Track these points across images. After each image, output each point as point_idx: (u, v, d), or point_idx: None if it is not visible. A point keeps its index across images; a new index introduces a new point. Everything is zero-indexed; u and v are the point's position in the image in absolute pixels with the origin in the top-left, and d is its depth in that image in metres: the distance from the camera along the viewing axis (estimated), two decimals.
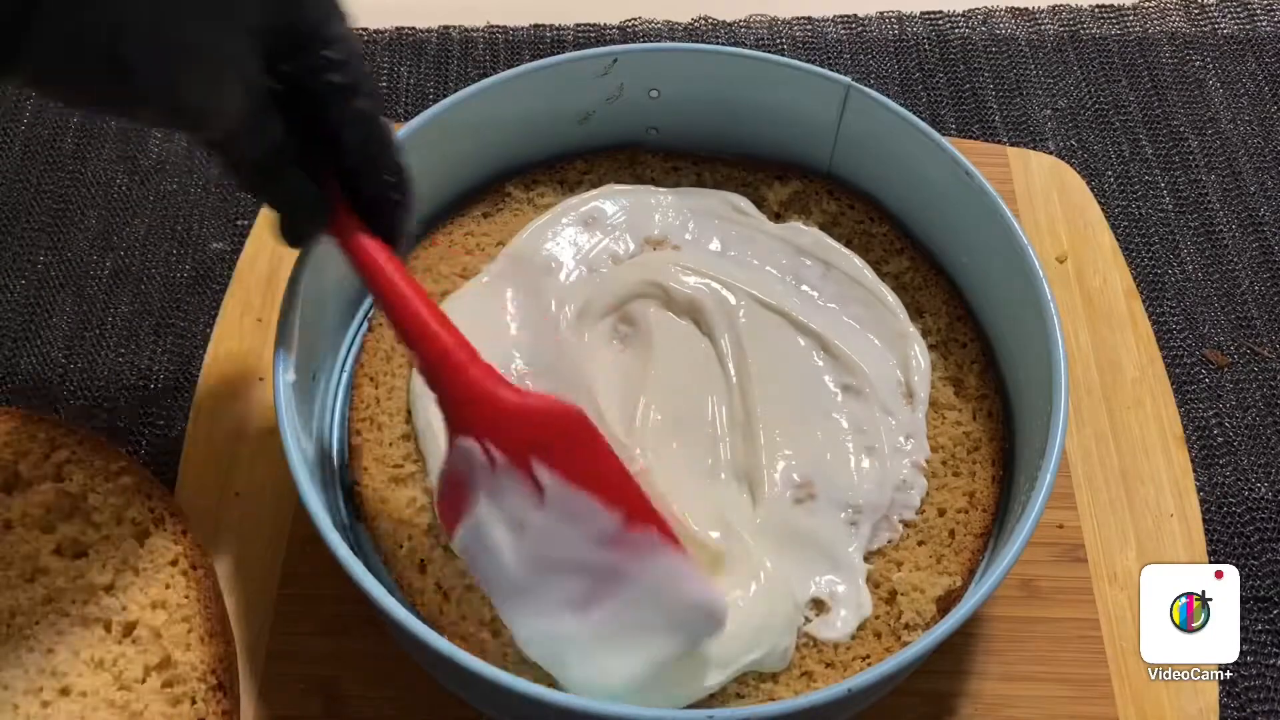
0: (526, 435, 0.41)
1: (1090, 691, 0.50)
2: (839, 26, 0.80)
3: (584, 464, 0.41)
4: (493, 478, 0.41)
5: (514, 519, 0.41)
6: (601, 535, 0.41)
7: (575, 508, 0.41)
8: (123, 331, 0.64)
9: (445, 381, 0.42)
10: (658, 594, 0.41)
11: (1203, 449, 0.60)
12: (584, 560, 0.41)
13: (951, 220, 0.56)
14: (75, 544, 0.50)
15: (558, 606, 0.42)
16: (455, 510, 0.43)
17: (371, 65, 0.77)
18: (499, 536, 0.42)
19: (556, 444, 0.41)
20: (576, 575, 0.42)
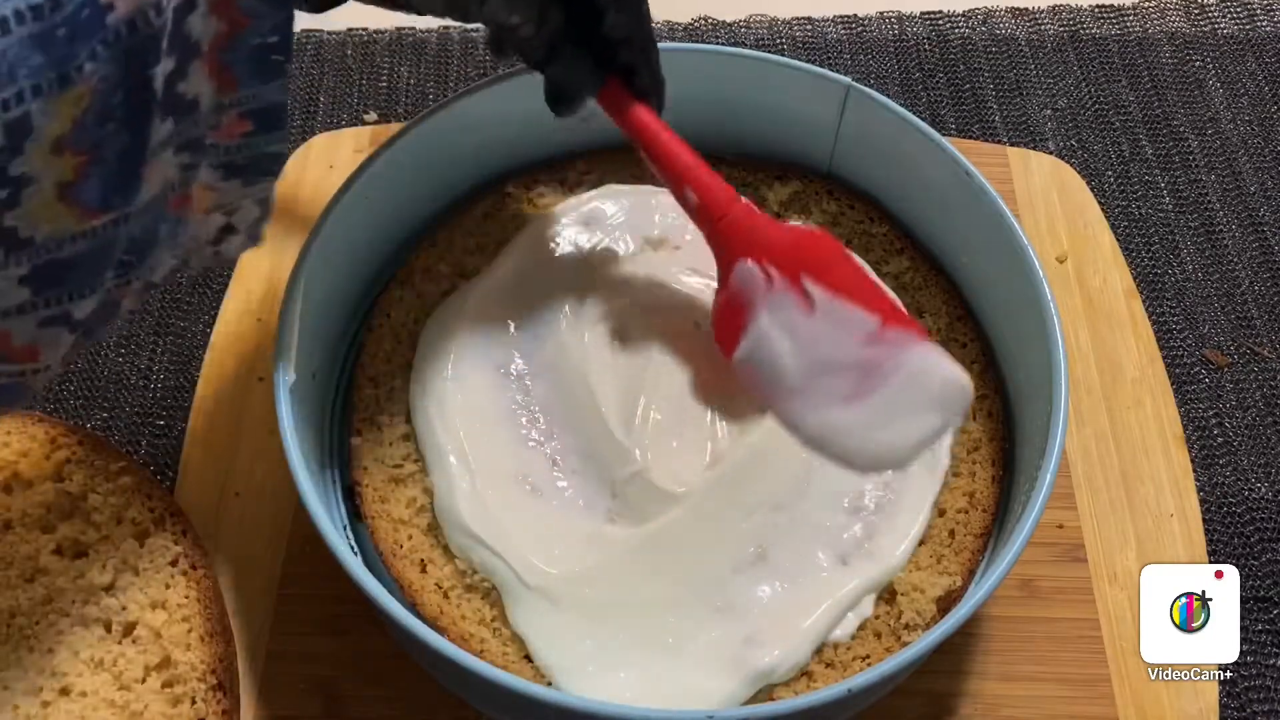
0: (794, 255, 0.48)
1: (1090, 691, 0.50)
2: (839, 26, 0.80)
3: (842, 277, 0.48)
4: (769, 294, 0.48)
5: (790, 328, 0.47)
6: (865, 335, 0.46)
7: (840, 313, 0.47)
8: (123, 331, 0.64)
9: (720, 216, 0.49)
10: (916, 378, 0.46)
11: (1203, 449, 0.60)
12: (852, 359, 0.47)
13: (951, 220, 0.56)
14: (75, 544, 0.50)
15: (831, 400, 0.47)
16: (734, 328, 0.49)
17: (371, 65, 0.77)
18: (777, 345, 0.47)
19: (818, 261, 0.48)
20: (846, 372, 0.47)
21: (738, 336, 0.48)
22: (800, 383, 0.47)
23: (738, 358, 0.49)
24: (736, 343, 0.48)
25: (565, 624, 0.46)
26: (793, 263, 0.47)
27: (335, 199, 0.52)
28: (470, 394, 0.52)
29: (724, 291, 0.50)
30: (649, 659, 0.45)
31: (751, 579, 0.47)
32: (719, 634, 0.46)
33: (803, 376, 0.47)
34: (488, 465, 0.50)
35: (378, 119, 0.74)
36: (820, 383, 0.47)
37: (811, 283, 0.47)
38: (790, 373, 0.47)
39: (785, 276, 0.47)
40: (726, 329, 0.49)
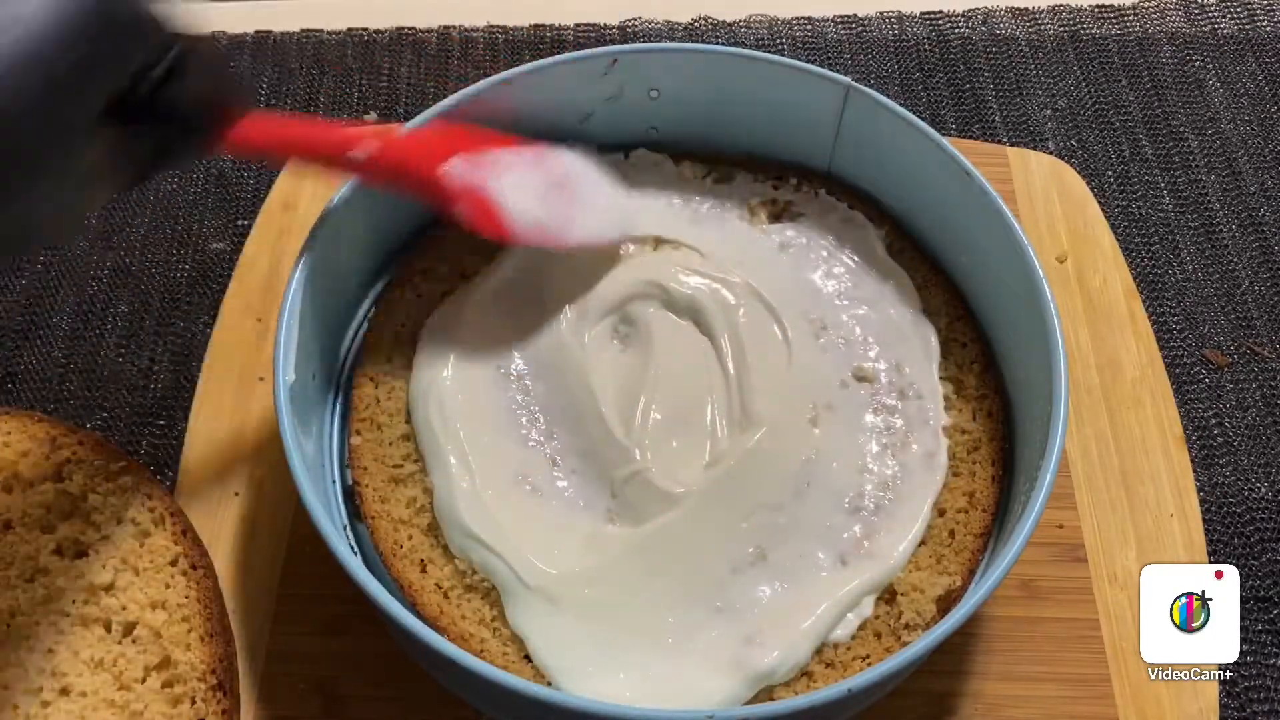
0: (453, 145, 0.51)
1: (1090, 691, 0.50)
2: (839, 26, 0.80)
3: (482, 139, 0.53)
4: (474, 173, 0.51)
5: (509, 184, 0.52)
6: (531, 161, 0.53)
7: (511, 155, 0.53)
8: (123, 331, 0.64)
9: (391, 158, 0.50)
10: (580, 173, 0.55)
11: (1203, 449, 0.60)
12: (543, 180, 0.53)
13: (951, 220, 0.56)
14: (75, 544, 0.50)
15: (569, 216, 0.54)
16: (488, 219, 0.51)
17: (371, 65, 0.77)
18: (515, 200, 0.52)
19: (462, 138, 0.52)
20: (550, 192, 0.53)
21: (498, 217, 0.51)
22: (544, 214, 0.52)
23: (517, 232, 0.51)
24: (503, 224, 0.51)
25: (565, 624, 0.46)
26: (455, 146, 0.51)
27: (335, 199, 0.52)
28: (470, 394, 0.52)
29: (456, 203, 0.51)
30: (649, 659, 0.45)
31: (751, 579, 0.47)
32: (719, 634, 0.46)
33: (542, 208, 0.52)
34: (487, 465, 0.50)
35: (378, 119, 0.74)
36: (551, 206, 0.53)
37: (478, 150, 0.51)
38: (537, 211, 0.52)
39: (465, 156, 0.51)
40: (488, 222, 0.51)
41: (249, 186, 0.70)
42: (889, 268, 0.57)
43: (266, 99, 0.75)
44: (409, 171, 0.51)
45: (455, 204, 0.50)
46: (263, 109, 0.47)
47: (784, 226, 0.59)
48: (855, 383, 0.53)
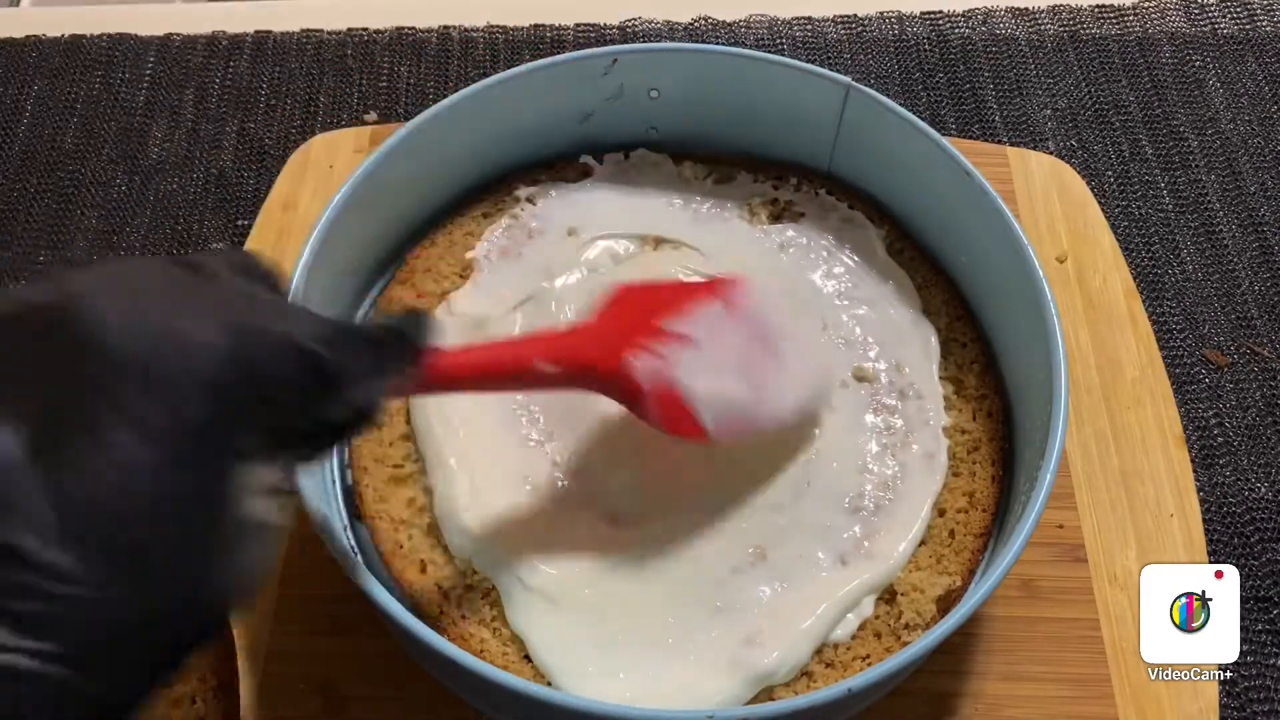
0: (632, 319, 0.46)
1: (1090, 691, 0.50)
2: (839, 26, 0.80)
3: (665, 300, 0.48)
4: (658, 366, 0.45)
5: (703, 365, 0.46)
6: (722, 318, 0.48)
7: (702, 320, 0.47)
8: None
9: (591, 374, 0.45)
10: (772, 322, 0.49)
11: (1203, 449, 0.60)
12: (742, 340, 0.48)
13: (951, 220, 0.56)
14: None
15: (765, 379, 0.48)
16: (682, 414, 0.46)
17: (371, 65, 0.77)
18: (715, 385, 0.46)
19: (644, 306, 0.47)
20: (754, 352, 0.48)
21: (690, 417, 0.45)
22: (750, 392, 0.47)
23: (711, 432, 0.46)
24: (696, 423, 0.45)
25: (565, 624, 0.46)
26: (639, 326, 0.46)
27: (335, 199, 0.52)
28: (470, 394, 0.52)
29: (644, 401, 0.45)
30: (649, 659, 0.45)
31: (751, 579, 0.47)
32: (719, 634, 0.46)
33: (751, 388, 0.47)
34: (487, 465, 0.50)
35: (378, 119, 0.74)
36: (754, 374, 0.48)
37: (664, 322, 0.46)
38: (741, 392, 0.47)
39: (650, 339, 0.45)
40: (680, 422, 0.46)
41: (249, 186, 0.70)
42: (889, 268, 0.57)
43: (266, 99, 0.75)
44: (594, 375, 0.45)
45: (644, 402, 0.45)
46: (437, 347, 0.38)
47: (784, 227, 0.59)
48: (855, 383, 0.53)
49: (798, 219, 0.59)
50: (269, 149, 0.72)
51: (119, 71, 0.76)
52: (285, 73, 0.77)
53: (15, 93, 0.75)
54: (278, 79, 0.76)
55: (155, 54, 0.78)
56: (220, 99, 0.75)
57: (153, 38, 0.78)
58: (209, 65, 0.77)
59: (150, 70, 0.77)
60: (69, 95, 0.75)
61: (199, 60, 0.77)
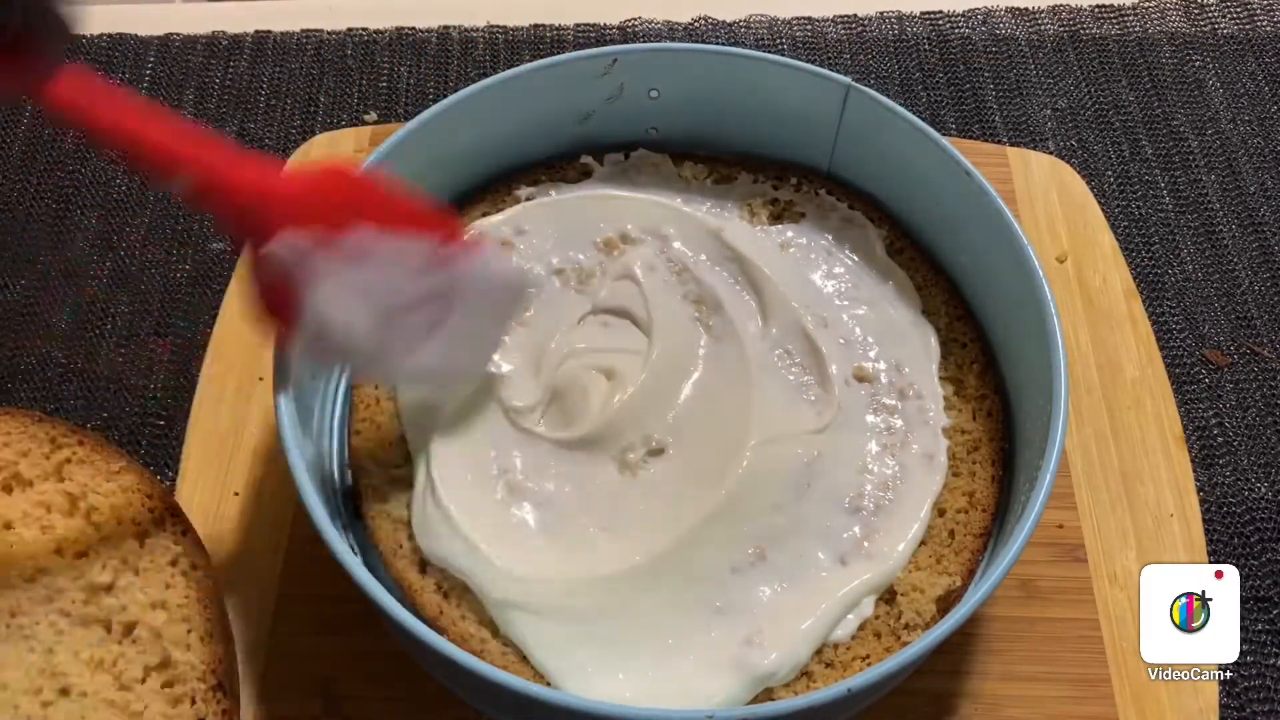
0: (323, 208, 0.42)
1: (1090, 691, 0.50)
2: (839, 26, 0.80)
3: (379, 212, 0.43)
4: (311, 262, 0.41)
5: (346, 289, 0.42)
6: (423, 262, 0.43)
7: (392, 250, 0.42)
8: (123, 331, 0.64)
9: (226, 194, 0.41)
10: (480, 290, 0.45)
11: (1203, 449, 0.60)
12: (419, 291, 0.43)
13: (951, 220, 0.56)
14: (75, 544, 0.50)
15: (414, 341, 0.44)
16: (285, 312, 0.43)
17: (371, 65, 0.77)
18: (338, 311, 0.42)
19: (347, 205, 0.42)
20: (419, 307, 0.44)
21: (293, 322, 0.43)
22: (379, 339, 0.43)
23: (302, 345, 0.43)
24: (293, 329, 0.43)
25: (563, 628, 0.46)
26: (325, 216, 0.41)
27: None
28: (455, 400, 0.51)
29: (257, 276, 0.42)
30: (649, 659, 0.45)
31: (751, 579, 0.47)
32: (719, 634, 0.46)
33: (378, 331, 0.43)
34: (474, 473, 0.49)
35: (378, 119, 0.74)
36: (399, 328, 0.43)
37: (351, 231, 0.41)
38: (364, 334, 0.43)
39: (321, 237, 0.41)
40: (277, 314, 0.43)
41: None
42: (889, 268, 0.57)
43: (266, 99, 0.75)
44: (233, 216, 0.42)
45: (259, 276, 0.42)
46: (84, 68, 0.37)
47: (784, 227, 0.59)
48: (855, 383, 0.53)
49: (798, 219, 0.59)
50: (269, 149, 0.72)
51: (119, 71, 0.76)
52: (285, 73, 0.77)
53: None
54: (278, 79, 0.76)
55: (155, 54, 0.78)
56: (220, 99, 0.75)
57: (153, 38, 0.78)
58: (209, 65, 0.77)
59: (150, 70, 0.77)
60: None
61: (199, 60, 0.77)
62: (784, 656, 0.45)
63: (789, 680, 0.45)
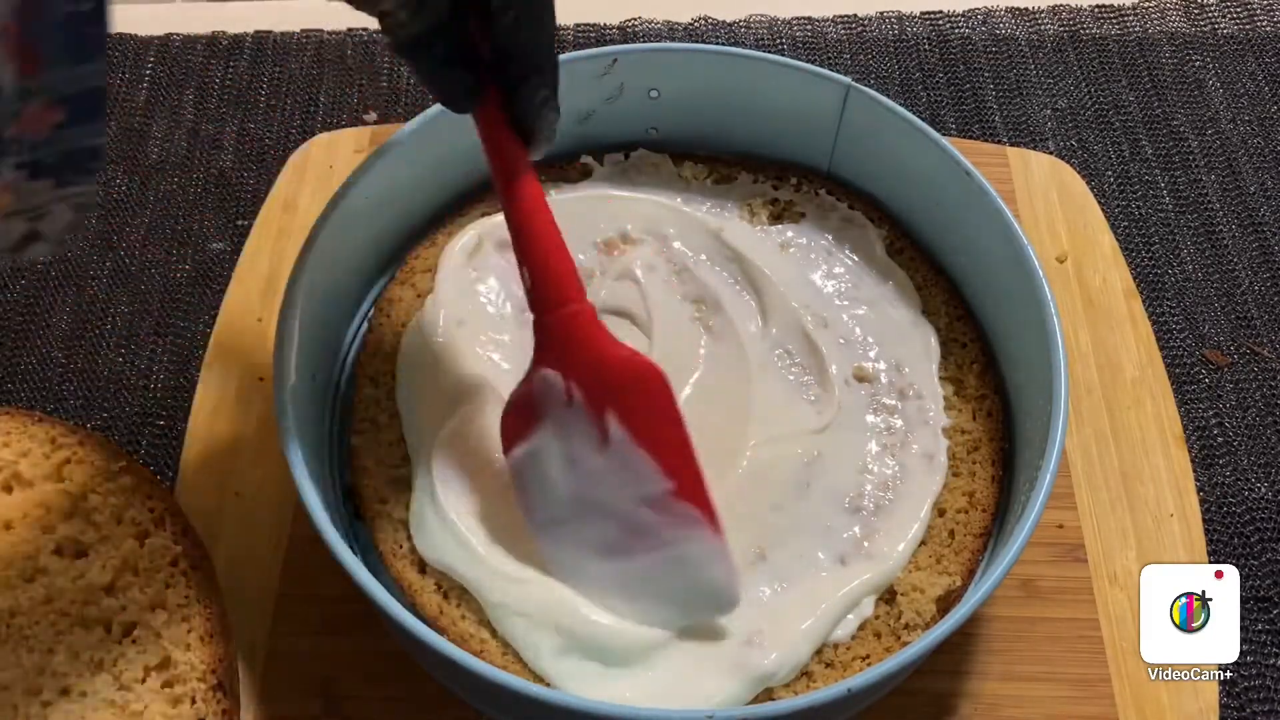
0: (610, 384, 0.43)
1: (1090, 691, 0.50)
2: (839, 26, 0.80)
3: (654, 426, 0.43)
4: (565, 413, 0.43)
5: (572, 456, 0.44)
6: (649, 496, 0.43)
7: (633, 463, 0.43)
8: (123, 331, 0.64)
9: (551, 310, 0.44)
10: (681, 565, 0.44)
11: (1203, 449, 0.60)
12: (626, 513, 0.43)
13: (951, 220, 0.56)
14: (75, 544, 0.50)
15: (588, 546, 0.44)
16: (517, 431, 0.45)
17: (371, 65, 0.77)
18: (553, 467, 0.44)
19: (634, 400, 0.43)
20: (613, 524, 0.44)
21: (518, 440, 0.45)
22: (564, 513, 0.44)
23: (513, 459, 0.45)
24: (514, 446, 0.45)
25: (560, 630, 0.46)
26: (604, 391, 0.43)
27: (335, 199, 0.52)
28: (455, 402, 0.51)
29: (524, 386, 0.45)
30: (649, 659, 0.45)
31: (751, 579, 0.47)
32: (719, 634, 0.46)
33: (569, 508, 0.44)
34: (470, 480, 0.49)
35: (378, 119, 0.74)
36: (584, 522, 0.44)
37: (616, 420, 0.43)
38: (557, 500, 0.44)
39: (589, 403, 0.43)
40: (510, 426, 0.46)
41: (249, 186, 0.70)
42: (889, 268, 0.57)
43: (266, 99, 0.75)
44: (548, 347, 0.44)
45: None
46: None
47: (784, 227, 0.59)
48: (855, 383, 0.53)
49: (798, 219, 0.59)
50: (269, 149, 0.72)
51: (119, 71, 0.76)
52: (285, 73, 0.77)
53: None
54: (278, 79, 0.76)
55: (155, 54, 0.78)
56: (220, 99, 0.75)
57: (153, 38, 0.78)
58: (209, 65, 0.77)
59: (150, 70, 0.77)
60: None
61: (199, 60, 0.77)
62: (784, 656, 0.45)
63: (789, 680, 0.45)
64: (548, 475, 0.44)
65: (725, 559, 0.44)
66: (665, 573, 0.44)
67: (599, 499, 0.44)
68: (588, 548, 0.44)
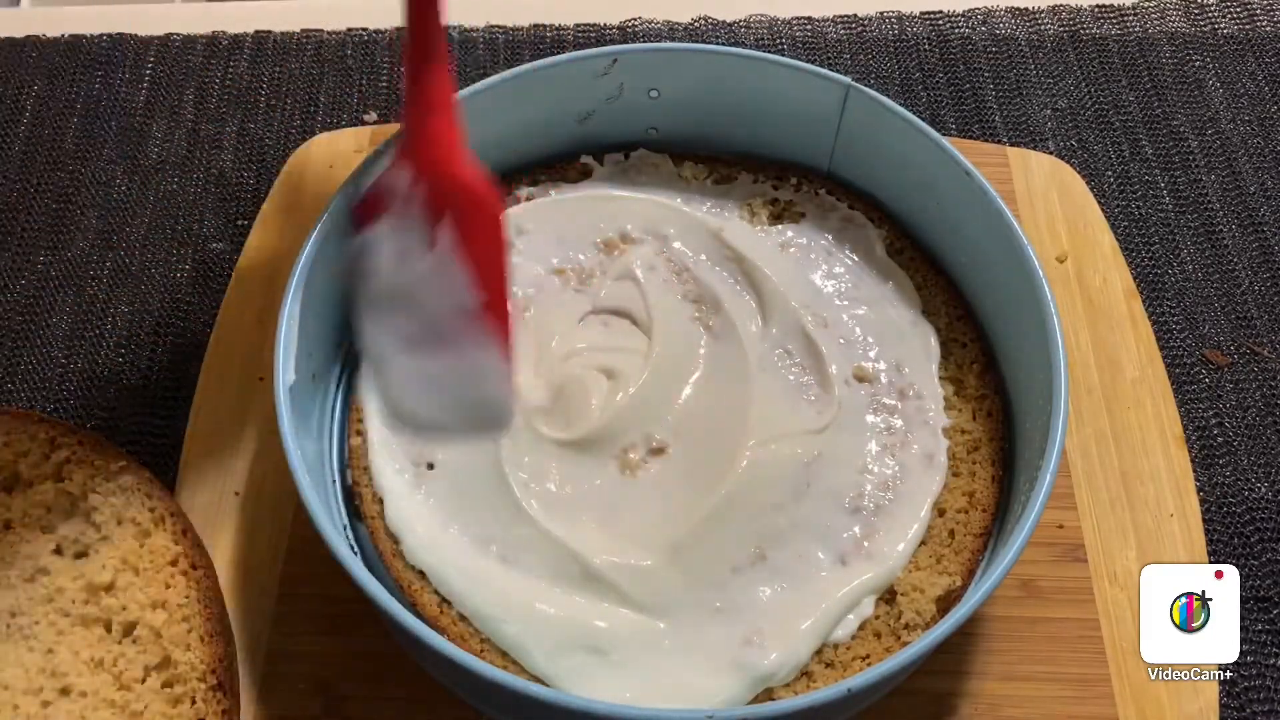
0: (452, 195, 0.45)
1: (1090, 691, 0.50)
2: (839, 26, 0.80)
3: (478, 245, 0.45)
4: (405, 209, 0.46)
5: (403, 251, 0.46)
6: (459, 306, 0.45)
7: (452, 272, 0.45)
8: (123, 331, 0.64)
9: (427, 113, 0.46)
10: (468, 375, 0.45)
11: (1203, 449, 0.60)
12: (436, 316, 0.45)
13: (951, 220, 0.56)
14: (75, 544, 0.50)
15: (398, 335, 0.46)
16: (365, 217, 0.47)
17: (371, 65, 0.77)
18: (384, 255, 0.46)
19: (470, 217, 0.45)
20: (419, 320, 0.46)
21: (366, 222, 0.48)
22: (377, 301, 0.47)
23: (351, 246, 0.48)
24: (361, 226, 0.48)
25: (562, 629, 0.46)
26: (445, 198, 0.46)
27: (335, 199, 0.52)
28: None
29: (379, 178, 0.48)
30: (649, 659, 0.45)
31: (751, 579, 0.47)
32: (719, 635, 0.46)
33: (383, 296, 0.46)
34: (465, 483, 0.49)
35: (378, 119, 0.74)
36: (394, 312, 0.46)
37: (449, 230, 0.45)
38: (383, 287, 0.46)
39: (428, 206, 0.46)
40: (361, 214, 0.48)
41: (249, 186, 0.70)
42: (889, 268, 0.57)
43: (266, 99, 0.75)
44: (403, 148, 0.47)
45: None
46: None
47: (784, 227, 0.59)
48: (855, 383, 0.53)
49: (798, 219, 0.59)
50: (269, 149, 0.72)
51: (119, 71, 0.76)
52: (285, 73, 0.77)
53: (15, 93, 0.75)
54: (278, 79, 0.76)
55: (155, 54, 0.78)
56: (220, 99, 0.75)
57: (153, 38, 0.78)
58: (209, 65, 0.77)
59: (150, 70, 0.77)
60: (69, 95, 0.75)
61: (199, 60, 0.77)
62: (784, 656, 0.45)
63: (789, 680, 0.45)
64: (379, 263, 0.46)
65: (508, 382, 0.45)
66: (456, 378, 0.46)
67: (417, 296, 0.46)
68: (398, 337, 0.46)
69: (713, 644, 0.46)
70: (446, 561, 0.47)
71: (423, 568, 0.47)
